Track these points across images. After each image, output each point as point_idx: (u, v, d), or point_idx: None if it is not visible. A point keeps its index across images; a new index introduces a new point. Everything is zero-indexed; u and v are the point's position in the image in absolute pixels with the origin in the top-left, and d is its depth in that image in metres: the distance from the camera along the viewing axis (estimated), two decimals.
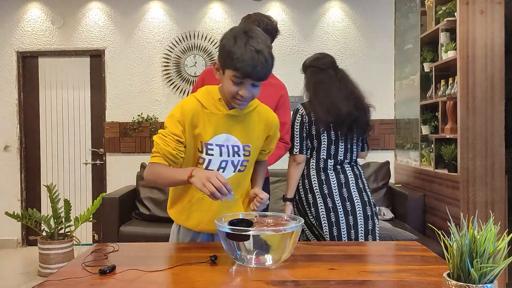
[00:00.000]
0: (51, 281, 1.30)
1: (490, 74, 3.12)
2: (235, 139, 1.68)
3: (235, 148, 1.68)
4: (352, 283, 1.28)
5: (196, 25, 4.80)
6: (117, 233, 3.81)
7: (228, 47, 1.52)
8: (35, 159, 4.93)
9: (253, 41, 1.51)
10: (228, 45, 1.53)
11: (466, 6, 3.12)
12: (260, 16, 2.44)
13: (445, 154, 3.38)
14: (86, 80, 4.91)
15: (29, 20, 4.85)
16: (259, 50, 1.50)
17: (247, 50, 1.50)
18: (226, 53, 1.53)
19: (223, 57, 1.56)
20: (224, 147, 1.66)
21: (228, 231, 1.39)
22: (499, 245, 0.99)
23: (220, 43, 1.59)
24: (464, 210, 3.10)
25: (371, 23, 4.76)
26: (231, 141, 1.67)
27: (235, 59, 1.50)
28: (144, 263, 1.46)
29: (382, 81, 4.75)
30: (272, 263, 1.42)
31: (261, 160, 1.88)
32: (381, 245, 1.77)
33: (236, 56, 1.50)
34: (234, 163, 1.69)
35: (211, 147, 1.65)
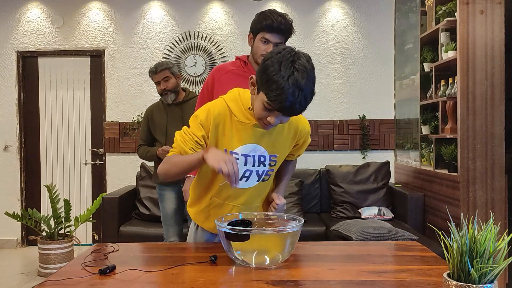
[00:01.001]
0: (51, 281, 1.30)
1: (490, 74, 3.12)
2: (263, 149, 1.60)
3: (261, 158, 1.61)
4: (352, 283, 1.28)
5: (196, 25, 4.80)
6: (117, 233, 3.81)
7: (270, 73, 1.38)
8: (35, 159, 4.93)
9: (299, 75, 1.36)
10: (271, 70, 1.39)
11: (466, 6, 3.12)
12: (275, 15, 2.39)
13: (445, 154, 3.38)
14: (86, 80, 4.90)
15: (29, 20, 4.85)
16: (302, 87, 1.37)
17: (290, 85, 1.36)
18: (267, 77, 1.39)
19: (262, 79, 1.42)
20: (250, 157, 1.59)
21: (228, 231, 1.39)
22: (499, 245, 0.99)
23: (262, 62, 1.44)
24: (464, 210, 3.10)
25: (371, 23, 4.76)
26: (258, 151, 1.60)
27: (274, 89, 1.37)
28: (144, 263, 1.46)
29: (382, 81, 4.75)
30: (272, 263, 1.42)
31: (290, 160, 1.81)
32: (381, 245, 1.77)
33: (277, 86, 1.37)
34: (259, 172, 1.63)
35: (237, 156, 1.58)
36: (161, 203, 3.26)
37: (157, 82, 3.21)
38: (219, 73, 2.25)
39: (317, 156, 4.75)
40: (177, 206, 3.22)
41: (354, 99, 4.76)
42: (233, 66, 2.25)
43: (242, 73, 2.19)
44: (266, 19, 2.05)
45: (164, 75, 3.17)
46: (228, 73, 2.21)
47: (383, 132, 4.75)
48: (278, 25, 2.04)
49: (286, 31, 2.09)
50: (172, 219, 3.22)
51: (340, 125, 4.74)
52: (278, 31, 2.07)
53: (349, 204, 4.17)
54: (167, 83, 3.18)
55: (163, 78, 3.17)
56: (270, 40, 2.08)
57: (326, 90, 4.76)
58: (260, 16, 2.09)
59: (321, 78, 4.76)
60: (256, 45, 2.12)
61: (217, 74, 2.26)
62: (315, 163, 4.68)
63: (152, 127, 3.26)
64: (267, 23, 2.04)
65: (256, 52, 2.13)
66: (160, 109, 3.26)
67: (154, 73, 3.20)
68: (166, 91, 3.19)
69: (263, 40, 2.09)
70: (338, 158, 4.70)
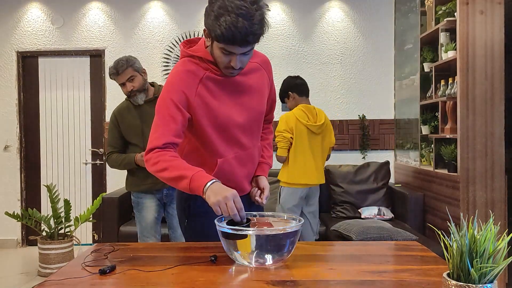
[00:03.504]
0: (51, 281, 1.30)
1: (490, 74, 3.12)
2: None
3: None
4: (352, 283, 1.28)
5: (196, 25, 4.80)
6: (117, 233, 3.81)
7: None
8: (35, 159, 4.93)
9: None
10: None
11: (466, 6, 3.12)
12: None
13: (445, 154, 3.38)
14: (86, 80, 4.91)
15: (29, 20, 4.85)
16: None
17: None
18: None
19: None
20: None
21: (228, 231, 1.39)
22: (499, 245, 1.00)
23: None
24: (464, 210, 3.10)
25: (371, 23, 4.76)
26: None
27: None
28: (144, 263, 1.46)
29: (382, 81, 4.76)
30: (272, 263, 1.42)
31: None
32: (381, 245, 1.77)
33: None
34: None
35: None
36: (138, 212, 2.91)
37: (121, 83, 2.82)
38: None
39: None
40: (158, 215, 2.92)
41: (354, 99, 4.76)
42: None
43: None
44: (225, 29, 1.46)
45: (128, 75, 2.78)
46: None
47: (383, 132, 4.75)
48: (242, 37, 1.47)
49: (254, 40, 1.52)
50: (152, 230, 2.88)
51: (340, 125, 4.74)
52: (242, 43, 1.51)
53: (349, 204, 4.17)
54: (133, 83, 2.80)
55: (128, 78, 2.79)
56: (233, 52, 1.53)
57: (326, 90, 4.76)
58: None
59: (321, 78, 4.76)
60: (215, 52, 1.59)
61: None
62: None
63: (125, 130, 2.87)
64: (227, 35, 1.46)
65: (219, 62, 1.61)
66: (130, 110, 2.88)
67: (116, 75, 2.80)
68: (133, 92, 2.80)
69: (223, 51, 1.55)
70: (338, 158, 4.70)
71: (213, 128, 1.66)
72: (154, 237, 2.91)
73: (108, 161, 2.93)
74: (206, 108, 1.64)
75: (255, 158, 1.83)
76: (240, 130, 1.71)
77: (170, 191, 2.91)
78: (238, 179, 1.76)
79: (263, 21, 1.49)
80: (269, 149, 1.94)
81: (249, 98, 1.72)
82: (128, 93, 2.82)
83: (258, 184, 1.83)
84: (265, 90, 1.79)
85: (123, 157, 2.85)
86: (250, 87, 1.72)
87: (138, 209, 2.91)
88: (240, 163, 1.75)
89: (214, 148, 1.68)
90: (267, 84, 1.80)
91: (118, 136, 2.89)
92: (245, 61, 1.58)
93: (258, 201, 1.78)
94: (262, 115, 1.79)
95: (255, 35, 1.47)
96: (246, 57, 1.57)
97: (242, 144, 1.74)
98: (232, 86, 1.68)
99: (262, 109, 1.77)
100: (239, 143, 1.73)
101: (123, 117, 2.88)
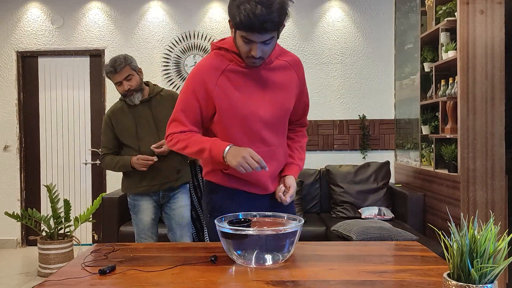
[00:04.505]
0: (51, 281, 1.30)
1: (490, 74, 3.12)
2: None
3: None
4: (352, 283, 1.27)
5: (196, 25, 4.80)
6: (117, 233, 3.81)
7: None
8: (35, 159, 4.93)
9: None
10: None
11: (466, 6, 3.12)
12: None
13: (445, 154, 3.38)
14: (86, 80, 4.90)
15: (29, 20, 4.85)
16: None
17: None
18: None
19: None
20: None
21: (228, 230, 1.39)
22: (499, 245, 0.99)
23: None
24: (464, 210, 3.10)
25: (371, 23, 4.76)
26: None
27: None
28: (144, 263, 1.46)
29: (382, 81, 4.75)
30: (272, 263, 1.42)
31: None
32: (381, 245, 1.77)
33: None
34: None
35: None
36: (135, 214, 2.88)
37: (118, 82, 2.72)
38: None
39: (317, 156, 4.75)
40: (155, 216, 2.88)
41: (354, 99, 4.76)
42: None
43: None
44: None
45: (126, 73, 2.69)
46: None
47: (383, 132, 4.75)
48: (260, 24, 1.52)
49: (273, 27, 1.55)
50: (149, 232, 2.87)
51: (340, 125, 4.74)
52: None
53: (349, 204, 4.17)
54: (131, 82, 2.71)
55: (125, 77, 2.70)
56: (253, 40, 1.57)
57: (326, 90, 4.76)
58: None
59: (321, 78, 4.76)
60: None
61: None
62: (315, 163, 4.68)
63: (119, 132, 2.80)
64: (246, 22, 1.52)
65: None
66: (124, 111, 2.80)
67: (114, 73, 2.69)
68: (130, 91, 2.72)
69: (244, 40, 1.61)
70: (338, 158, 4.70)
71: (235, 121, 1.70)
72: (152, 239, 2.91)
73: (102, 163, 2.88)
74: (227, 99, 1.68)
75: (279, 156, 1.81)
76: (263, 125, 1.72)
77: (167, 192, 2.87)
78: (260, 177, 1.76)
79: (282, 10, 1.53)
80: (301, 151, 1.92)
81: (273, 93, 1.73)
82: (124, 92, 2.74)
83: (284, 182, 1.82)
84: (292, 89, 1.78)
85: (117, 160, 2.79)
86: (275, 83, 1.73)
87: (135, 211, 2.88)
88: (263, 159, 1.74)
89: (235, 142, 1.69)
90: (295, 84, 1.80)
91: (112, 137, 2.83)
92: (266, 50, 1.62)
93: (282, 199, 1.78)
94: (287, 113, 1.79)
95: (272, 23, 1.51)
96: (267, 46, 1.61)
97: (265, 140, 1.74)
98: (257, 80, 1.71)
99: (287, 107, 1.77)
100: (261, 138, 1.74)
101: (117, 118, 2.82)
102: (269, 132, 1.74)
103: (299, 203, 4.16)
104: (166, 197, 2.89)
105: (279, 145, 1.80)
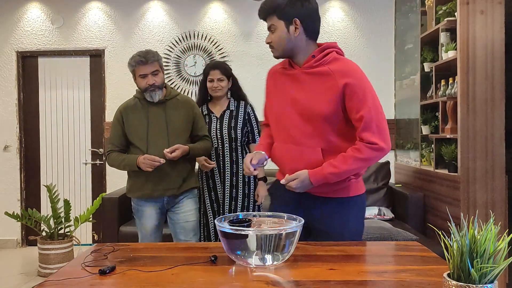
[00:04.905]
0: (51, 281, 1.30)
1: (490, 74, 3.12)
2: None
3: None
4: (352, 283, 1.27)
5: (196, 25, 4.80)
6: (117, 233, 3.81)
7: None
8: (35, 159, 4.92)
9: None
10: None
11: (466, 6, 3.12)
12: None
13: (445, 154, 3.38)
14: (86, 80, 4.90)
15: (29, 20, 4.85)
16: None
17: None
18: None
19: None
20: None
21: (228, 230, 1.39)
22: (499, 245, 0.99)
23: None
24: (464, 210, 3.10)
25: (371, 23, 4.75)
26: None
27: None
28: (144, 263, 1.46)
29: (382, 81, 4.75)
30: (272, 263, 1.42)
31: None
32: (381, 245, 1.77)
33: None
34: None
35: None
36: (139, 219, 2.80)
37: (143, 75, 2.65)
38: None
39: None
40: (158, 222, 2.81)
41: None
42: None
43: None
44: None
45: (154, 68, 2.65)
46: None
47: None
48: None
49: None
50: (151, 237, 2.80)
51: None
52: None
53: None
54: (156, 78, 2.66)
55: (153, 71, 2.64)
56: None
57: None
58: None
59: None
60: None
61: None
62: None
63: (128, 130, 2.71)
64: None
65: None
66: (138, 109, 2.72)
67: (143, 63, 2.62)
68: (154, 86, 2.65)
69: None
70: None
71: (272, 115, 1.97)
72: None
73: (107, 160, 2.79)
74: (268, 97, 2.01)
75: (309, 158, 1.81)
76: (291, 123, 1.85)
77: (172, 198, 2.76)
78: (286, 171, 1.86)
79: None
80: (338, 158, 1.78)
81: (305, 96, 1.83)
82: (147, 87, 2.64)
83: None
84: (328, 96, 1.79)
85: (123, 157, 2.69)
86: (309, 86, 1.83)
87: (138, 216, 2.80)
88: (290, 156, 1.86)
89: (274, 137, 1.98)
90: (334, 92, 1.78)
91: (120, 134, 2.73)
92: (273, 39, 1.89)
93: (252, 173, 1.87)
94: (319, 118, 1.79)
95: (262, 9, 1.88)
96: (273, 35, 1.88)
97: (293, 138, 1.85)
98: (295, 81, 1.88)
99: (318, 112, 1.79)
100: (290, 136, 1.86)
101: (128, 115, 2.72)
102: (298, 133, 1.83)
103: None
104: (171, 203, 2.78)
105: (311, 147, 1.81)
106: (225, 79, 3.01)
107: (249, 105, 3.15)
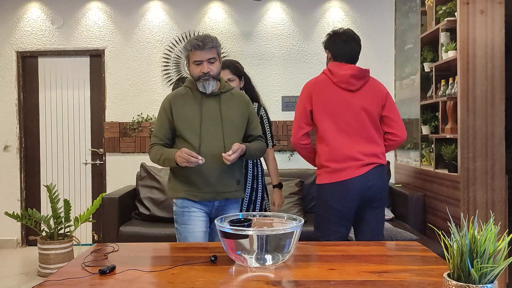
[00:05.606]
0: (51, 281, 1.30)
1: (490, 74, 3.12)
2: None
3: None
4: (352, 283, 1.27)
5: (196, 25, 4.80)
6: (117, 233, 3.81)
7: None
8: (35, 159, 4.92)
9: None
10: None
11: (466, 6, 3.12)
12: None
13: (445, 154, 3.38)
14: (86, 80, 4.90)
15: (29, 20, 4.85)
16: None
17: None
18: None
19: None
20: None
21: (228, 230, 1.39)
22: (499, 245, 0.99)
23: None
24: (464, 210, 3.10)
25: (371, 23, 4.75)
26: None
27: None
28: (144, 263, 1.46)
29: (382, 81, 4.69)
30: (272, 263, 1.42)
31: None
32: (381, 245, 1.77)
33: None
34: None
35: None
36: (183, 225, 2.34)
37: (198, 61, 2.32)
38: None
39: None
40: (207, 229, 2.36)
41: None
42: None
43: None
44: None
45: (211, 55, 2.33)
46: None
47: None
48: None
49: None
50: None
51: None
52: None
53: None
54: (212, 66, 2.33)
55: (209, 59, 2.32)
56: None
57: None
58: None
59: None
60: None
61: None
62: None
63: (179, 122, 2.34)
64: None
65: None
66: (190, 99, 2.37)
67: (200, 48, 2.30)
68: (208, 75, 2.31)
69: None
70: None
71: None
72: None
73: (149, 154, 2.43)
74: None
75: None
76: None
77: (222, 203, 2.38)
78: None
79: None
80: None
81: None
82: (200, 75, 2.33)
83: None
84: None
85: (163, 151, 2.33)
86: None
87: (184, 220, 2.34)
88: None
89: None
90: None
91: (166, 126, 2.37)
92: None
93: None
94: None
95: None
96: None
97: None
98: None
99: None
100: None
101: (178, 105, 2.37)
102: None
103: (299, 203, 4.15)
104: (220, 209, 2.38)
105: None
106: (236, 79, 2.79)
107: (263, 107, 2.92)
